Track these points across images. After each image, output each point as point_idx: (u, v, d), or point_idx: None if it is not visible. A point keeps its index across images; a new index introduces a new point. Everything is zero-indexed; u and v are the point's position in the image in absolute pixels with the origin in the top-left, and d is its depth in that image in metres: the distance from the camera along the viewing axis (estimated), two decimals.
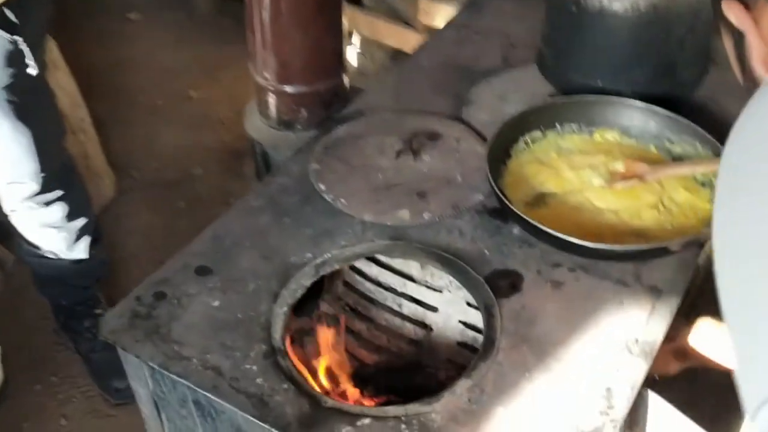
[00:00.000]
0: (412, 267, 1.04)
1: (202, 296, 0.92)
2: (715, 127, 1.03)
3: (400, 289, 1.07)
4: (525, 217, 0.93)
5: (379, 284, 1.06)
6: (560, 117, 1.12)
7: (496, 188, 0.97)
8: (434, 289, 1.04)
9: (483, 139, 1.14)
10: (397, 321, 1.07)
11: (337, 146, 1.14)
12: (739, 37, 0.57)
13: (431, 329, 1.06)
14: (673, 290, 0.91)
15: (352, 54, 2.09)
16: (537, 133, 1.12)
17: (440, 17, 1.87)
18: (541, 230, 0.92)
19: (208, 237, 1.00)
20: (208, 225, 1.02)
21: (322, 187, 1.06)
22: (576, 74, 1.20)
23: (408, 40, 1.89)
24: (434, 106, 1.23)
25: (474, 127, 1.18)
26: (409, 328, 1.07)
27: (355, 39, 2.11)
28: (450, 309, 1.04)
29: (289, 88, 1.19)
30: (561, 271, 0.94)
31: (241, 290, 0.92)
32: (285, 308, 0.90)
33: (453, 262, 0.96)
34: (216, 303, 0.91)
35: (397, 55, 1.98)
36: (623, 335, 0.86)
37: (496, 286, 0.93)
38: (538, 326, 0.88)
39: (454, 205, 1.03)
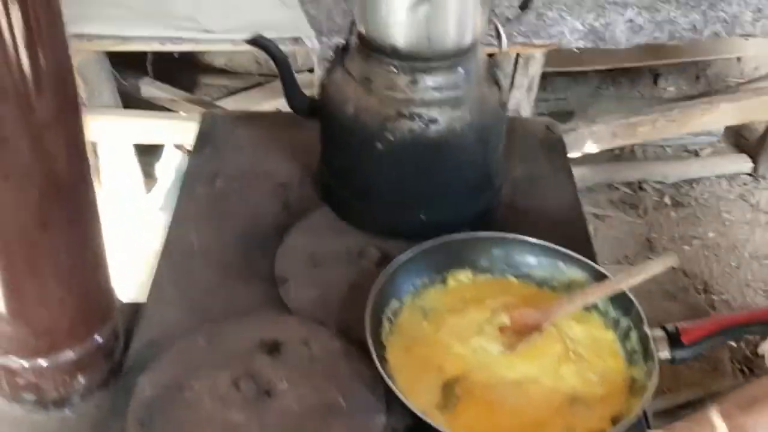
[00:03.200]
0: None
1: None
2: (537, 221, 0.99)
3: None
4: None
5: None
6: (410, 274, 0.94)
7: (409, 404, 0.76)
8: None
9: (328, 327, 0.91)
10: None
11: (156, 418, 0.80)
12: None
13: None
14: None
15: None
16: (395, 303, 0.92)
17: None
18: None
19: None
20: None
21: None
22: (392, 213, 1.02)
23: None
24: (242, 297, 0.95)
25: (309, 313, 0.93)
26: None
27: None
28: None
29: (53, 360, 0.79)
30: None
31: None
32: None
33: None
34: None
35: None
36: None
37: None
38: None
39: None
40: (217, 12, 1.90)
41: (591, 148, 2.27)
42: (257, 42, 0.99)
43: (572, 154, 2.24)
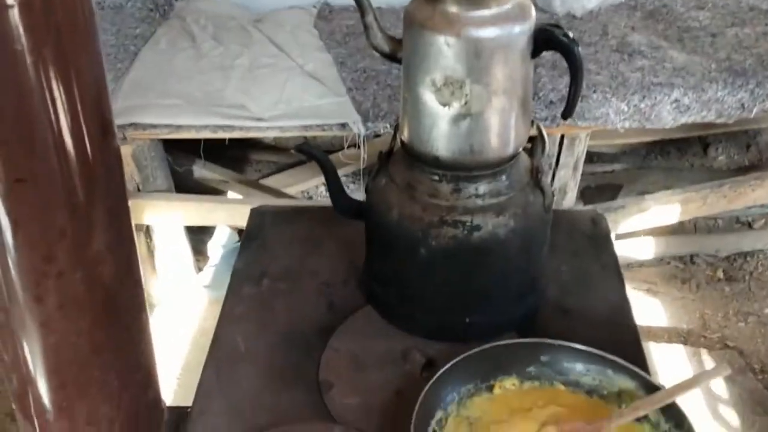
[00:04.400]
0: None
1: None
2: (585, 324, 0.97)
3: None
4: None
5: None
6: (455, 382, 0.93)
7: None
8: None
9: None
10: None
11: None
12: None
13: None
14: None
15: None
16: (439, 413, 0.91)
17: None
18: None
19: None
20: None
21: None
22: (436, 317, 1.02)
23: None
24: (287, 404, 0.95)
25: (353, 422, 0.92)
26: None
27: None
28: None
29: None
30: None
31: None
32: None
33: None
34: None
35: None
36: None
37: None
38: None
39: None
40: (266, 100, 1.96)
41: (639, 225, 2.24)
42: (303, 150, 1.02)
43: (621, 231, 2.22)
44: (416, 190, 0.96)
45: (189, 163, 2.41)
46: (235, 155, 2.72)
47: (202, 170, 2.40)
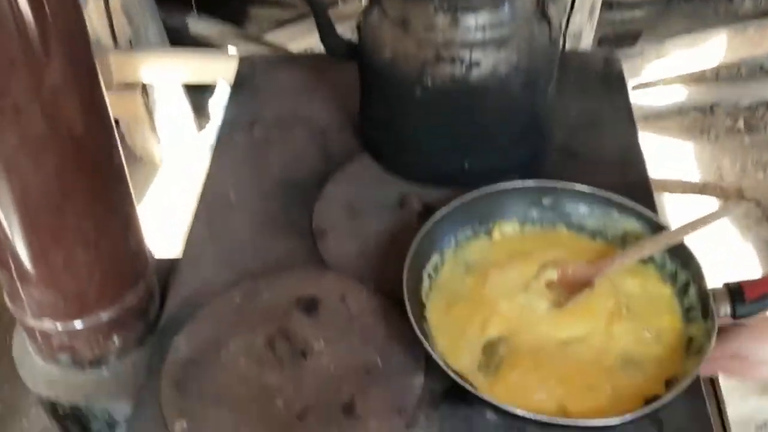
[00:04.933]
0: None
1: None
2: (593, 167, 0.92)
3: None
4: (496, 403, 0.71)
5: None
6: (453, 226, 0.89)
7: (445, 367, 0.73)
8: None
9: (367, 284, 0.88)
10: None
11: (191, 377, 0.79)
12: None
13: None
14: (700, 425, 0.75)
15: None
16: (436, 258, 0.88)
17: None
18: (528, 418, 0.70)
19: None
20: None
21: None
22: (434, 161, 0.97)
23: None
24: (280, 252, 0.93)
25: (347, 269, 0.90)
26: None
27: None
28: None
29: (86, 322, 0.79)
30: None
31: None
32: None
33: None
34: None
35: None
36: None
37: None
38: None
39: (399, 408, 0.76)
40: None
41: (658, 73, 2.13)
42: None
43: (639, 81, 2.12)
44: (410, 24, 0.88)
45: (182, 16, 2.29)
46: (233, 9, 2.60)
47: (197, 25, 2.29)
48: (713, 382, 0.86)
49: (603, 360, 0.79)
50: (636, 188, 0.96)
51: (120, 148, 0.74)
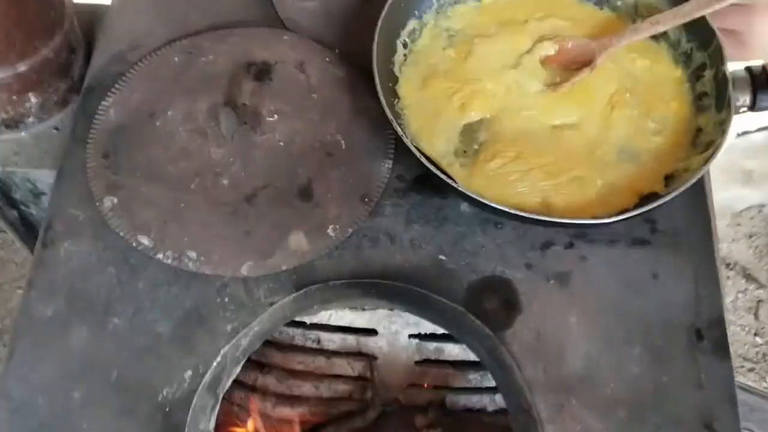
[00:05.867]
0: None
1: None
2: None
3: (310, 320, 0.73)
4: (473, 195, 0.61)
5: None
6: None
7: (417, 152, 0.62)
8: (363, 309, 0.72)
9: (331, 49, 0.74)
10: (320, 360, 0.75)
11: (123, 145, 0.68)
12: None
13: (375, 357, 0.75)
14: (700, 224, 0.67)
15: None
16: (413, 23, 0.74)
17: None
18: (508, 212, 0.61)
19: None
20: None
21: (145, 241, 0.63)
22: None
23: None
24: (228, 5, 0.78)
25: (308, 30, 0.76)
26: (342, 364, 0.75)
27: None
28: (394, 325, 0.73)
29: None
30: (556, 254, 0.66)
31: None
32: None
33: (405, 293, 0.63)
34: None
35: None
36: (682, 323, 0.63)
37: (484, 313, 0.63)
38: (570, 357, 0.61)
39: (362, 195, 0.67)
40: None
41: None
42: None
43: None
44: None
45: None
46: None
47: None
48: None
49: (596, 150, 0.69)
50: None
51: None
